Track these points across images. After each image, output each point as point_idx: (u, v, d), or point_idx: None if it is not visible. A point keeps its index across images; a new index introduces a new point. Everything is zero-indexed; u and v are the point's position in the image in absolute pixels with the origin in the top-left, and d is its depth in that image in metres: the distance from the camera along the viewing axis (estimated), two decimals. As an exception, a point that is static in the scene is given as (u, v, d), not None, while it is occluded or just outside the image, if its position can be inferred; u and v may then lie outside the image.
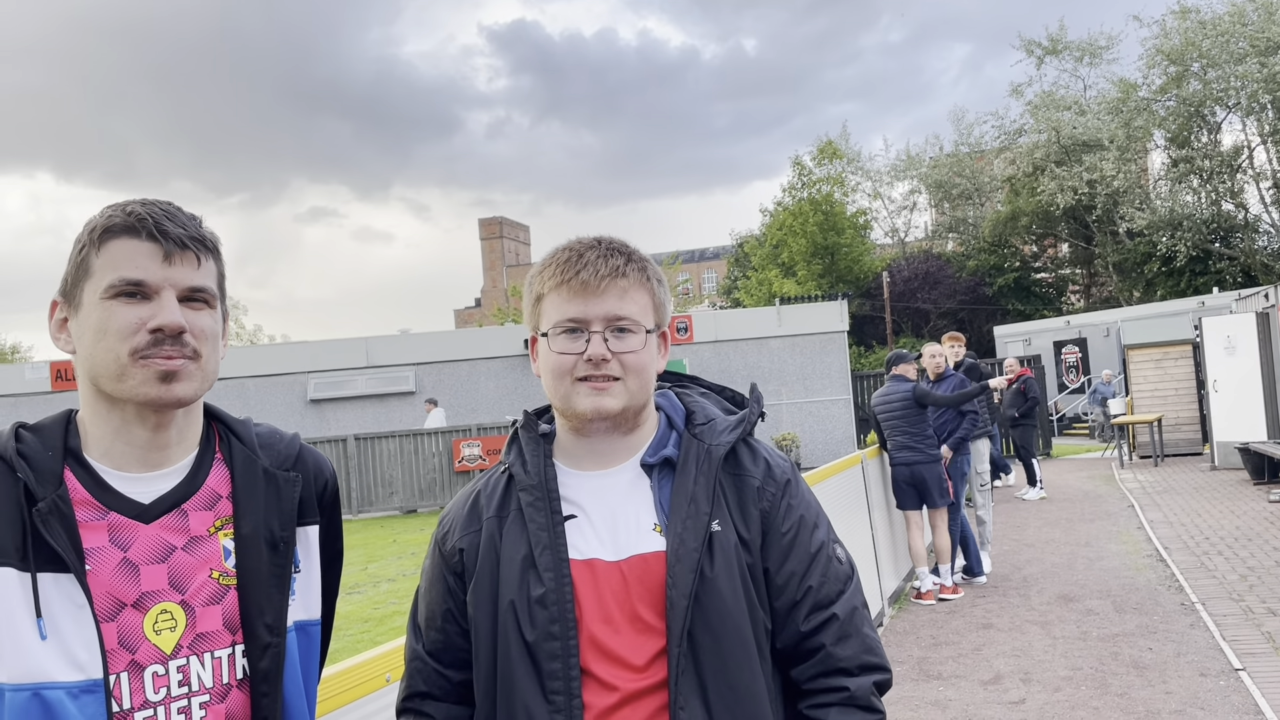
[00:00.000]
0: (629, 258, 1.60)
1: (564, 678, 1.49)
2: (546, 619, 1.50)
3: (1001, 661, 6.30)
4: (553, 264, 1.60)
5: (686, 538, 1.52)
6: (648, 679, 1.50)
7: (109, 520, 1.35)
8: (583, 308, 1.55)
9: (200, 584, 1.38)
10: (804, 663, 1.57)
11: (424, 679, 1.64)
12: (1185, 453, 17.93)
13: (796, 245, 41.27)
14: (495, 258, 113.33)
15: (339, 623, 8.03)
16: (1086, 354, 27.29)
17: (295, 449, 1.54)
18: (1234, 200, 34.83)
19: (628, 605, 1.52)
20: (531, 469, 1.61)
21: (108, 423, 1.39)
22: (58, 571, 1.29)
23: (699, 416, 1.66)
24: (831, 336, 21.98)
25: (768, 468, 1.62)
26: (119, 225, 1.37)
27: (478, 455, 19.81)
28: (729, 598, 1.51)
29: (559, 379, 1.57)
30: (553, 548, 1.53)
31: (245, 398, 20.80)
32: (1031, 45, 38.85)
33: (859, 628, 1.58)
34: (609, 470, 1.61)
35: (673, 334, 14.31)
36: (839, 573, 1.61)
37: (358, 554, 13.64)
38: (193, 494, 1.42)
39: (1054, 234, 40.58)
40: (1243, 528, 10.28)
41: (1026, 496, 13.86)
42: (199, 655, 1.37)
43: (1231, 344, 15.20)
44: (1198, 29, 32.11)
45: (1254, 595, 7.43)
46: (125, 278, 1.35)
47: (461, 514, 1.66)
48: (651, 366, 1.61)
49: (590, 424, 1.59)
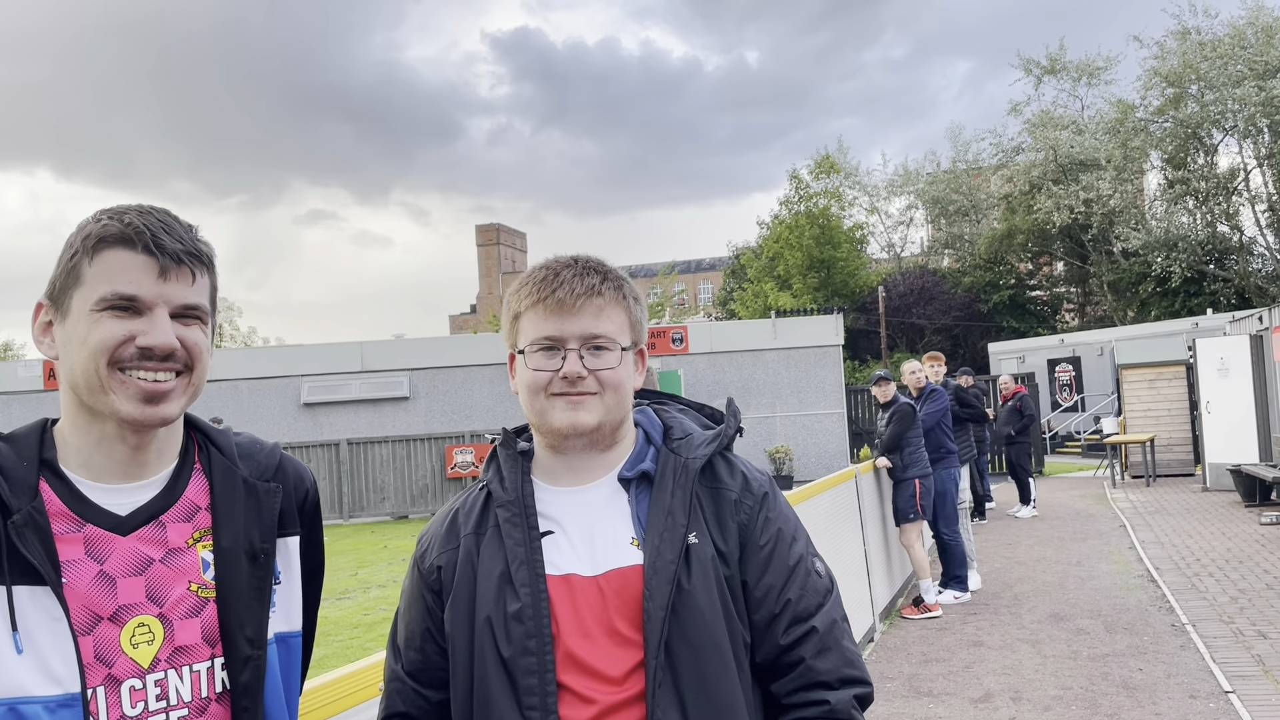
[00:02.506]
0: (605, 276, 1.60)
1: (540, 693, 1.48)
2: (523, 634, 1.49)
3: (992, 679, 6.29)
4: (529, 282, 1.61)
5: (663, 550, 1.51)
6: (625, 691, 1.49)
7: (85, 532, 1.32)
8: (559, 326, 1.56)
9: (179, 597, 1.36)
10: (784, 676, 1.56)
11: (403, 699, 1.63)
12: (1177, 473, 17.95)
13: (792, 258, 41.32)
14: (491, 264, 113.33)
15: (328, 628, 7.93)
16: (1080, 373, 27.34)
17: (276, 459, 1.52)
18: (1229, 222, 34.98)
19: (605, 619, 1.51)
20: (509, 485, 1.61)
21: (88, 434, 1.37)
22: (34, 584, 1.27)
23: (676, 431, 1.66)
24: (826, 350, 22.00)
25: (745, 481, 1.62)
26: (114, 235, 1.33)
27: (470, 462, 19.78)
28: (706, 610, 1.50)
29: (534, 395, 1.58)
30: (529, 563, 1.53)
31: (239, 400, 20.75)
32: (1030, 64, 39.05)
33: (839, 640, 1.57)
34: (586, 486, 1.61)
35: (668, 344, 14.41)
36: (818, 585, 1.60)
37: (348, 559, 13.60)
38: (171, 505, 1.39)
39: (1049, 252, 40.71)
40: (1234, 550, 10.29)
41: (1019, 514, 13.87)
42: (177, 669, 1.35)
43: (1225, 366, 15.24)
44: (1196, 50, 32.28)
45: (1244, 618, 7.43)
46: (118, 292, 1.32)
47: (440, 532, 1.65)
48: (628, 383, 1.61)
49: (566, 440, 1.59)
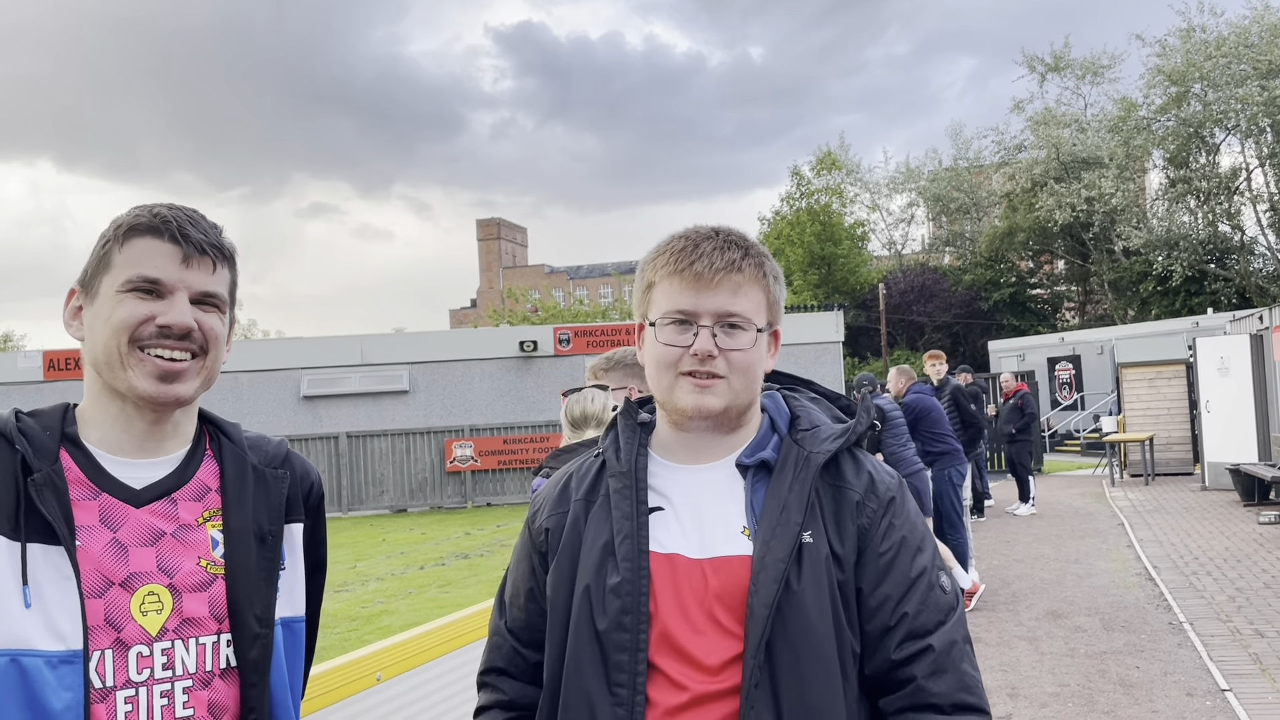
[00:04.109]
0: (746, 251, 1.54)
1: (630, 670, 1.44)
2: (619, 609, 1.45)
3: (988, 676, 6.29)
4: (667, 252, 1.54)
5: (774, 546, 1.45)
6: (720, 683, 1.43)
7: (100, 501, 1.39)
8: (694, 300, 1.50)
9: (188, 570, 1.41)
10: (893, 693, 1.47)
11: (502, 656, 1.64)
12: (1176, 472, 17.95)
13: (793, 255, 41.30)
14: (492, 259, 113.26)
15: (325, 620, 7.94)
16: (1080, 371, 27.34)
17: (283, 451, 1.59)
18: (1231, 222, 34.97)
19: (706, 605, 1.46)
20: (624, 457, 1.57)
21: (108, 411, 1.44)
22: (48, 544, 1.32)
23: (803, 422, 1.59)
24: (826, 347, 21.98)
25: (871, 482, 1.53)
26: (144, 225, 1.45)
27: (469, 456, 19.78)
28: (814, 614, 1.43)
29: (663, 371, 1.53)
30: (634, 537, 1.49)
31: (238, 393, 20.75)
32: (1034, 61, 39.01)
33: (957, 663, 1.47)
34: (703, 466, 1.56)
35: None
36: (940, 602, 1.50)
37: (346, 552, 13.60)
38: (183, 484, 1.45)
39: (1050, 250, 40.69)
40: (1232, 549, 10.29)
41: (1017, 512, 13.88)
42: (184, 640, 1.39)
43: (1225, 365, 15.24)
44: (1199, 49, 32.26)
45: (1242, 616, 7.44)
46: (143, 274, 1.42)
47: (552, 494, 1.63)
48: (759, 366, 1.55)
49: (690, 420, 1.54)
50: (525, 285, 71.21)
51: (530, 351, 21.24)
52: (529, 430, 20.02)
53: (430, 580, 11.04)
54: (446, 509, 19.64)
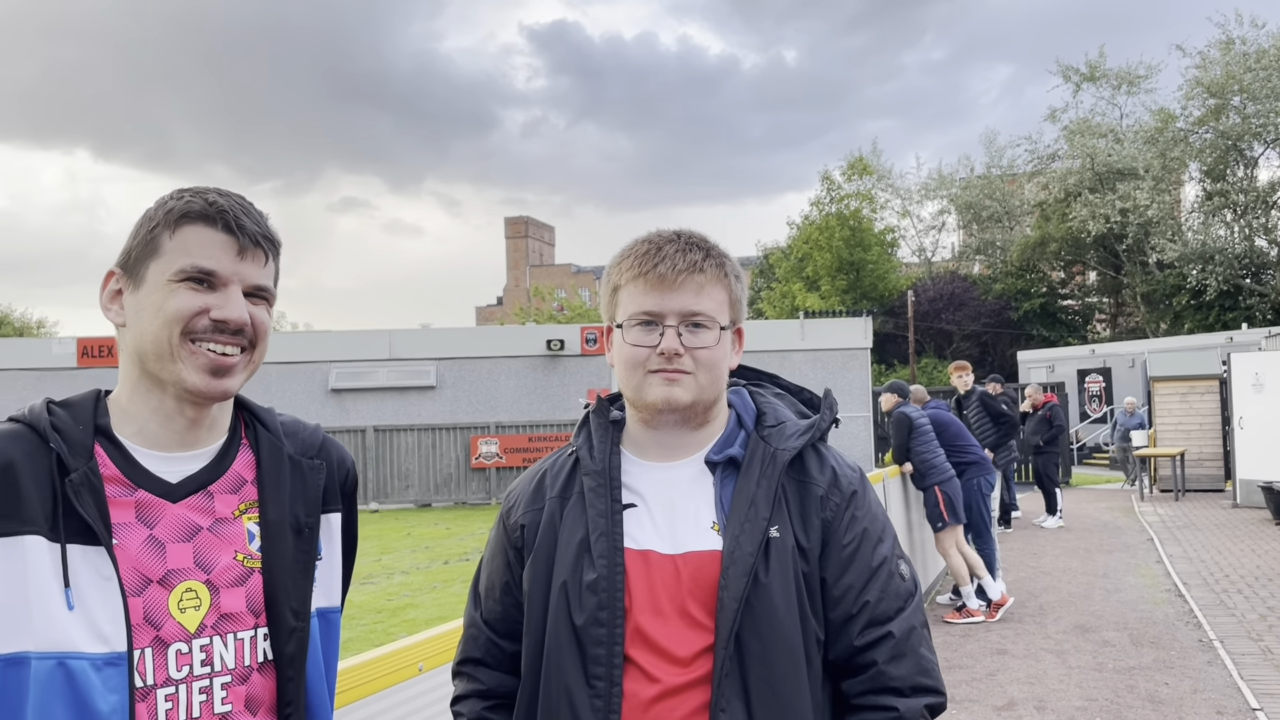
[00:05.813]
0: (708, 253, 1.60)
1: (607, 664, 1.49)
2: (595, 604, 1.51)
3: (1016, 688, 6.26)
4: (631, 255, 1.61)
5: (743, 540, 1.51)
6: (691, 674, 1.49)
7: (136, 497, 1.36)
8: (658, 301, 1.56)
9: (225, 565, 1.39)
10: (855, 677, 1.55)
11: (479, 646, 1.68)
12: (1207, 488, 17.74)
13: (822, 259, 41.16)
14: (519, 257, 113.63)
15: (351, 612, 7.97)
16: (1110, 384, 27.08)
17: (319, 438, 1.56)
18: (1267, 236, 34.51)
19: (678, 599, 1.51)
20: (597, 454, 1.62)
21: (146, 402, 1.40)
22: (86, 544, 1.29)
23: (770, 418, 1.65)
24: (854, 353, 21.90)
25: (834, 476, 1.60)
26: (197, 211, 1.39)
27: (494, 453, 19.86)
28: (781, 605, 1.50)
29: (632, 370, 1.58)
30: (609, 535, 1.54)
31: (267, 384, 20.91)
32: (1069, 71, 38.64)
33: (915, 648, 1.55)
34: (673, 463, 1.61)
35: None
36: (899, 589, 1.58)
37: (372, 545, 13.69)
38: (219, 477, 1.43)
39: (1083, 261, 40.32)
40: (1263, 567, 10.16)
41: (1045, 524, 13.77)
42: (222, 635, 1.37)
43: (1259, 381, 15.04)
44: (1239, 61, 31.86)
45: (1273, 635, 7.35)
46: (198, 265, 1.37)
47: (527, 491, 1.68)
48: (724, 362, 1.61)
49: (660, 415, 1.59)
50: (551, 284, 71.39)
51: (557, 350, 21.30)
52: (554, 429, 20.07)
53: (455, 575, 11.10)
54: (471, 505, 19.73)
